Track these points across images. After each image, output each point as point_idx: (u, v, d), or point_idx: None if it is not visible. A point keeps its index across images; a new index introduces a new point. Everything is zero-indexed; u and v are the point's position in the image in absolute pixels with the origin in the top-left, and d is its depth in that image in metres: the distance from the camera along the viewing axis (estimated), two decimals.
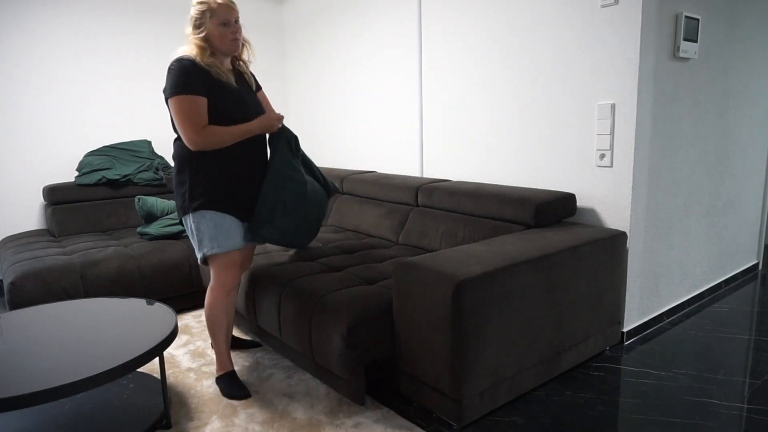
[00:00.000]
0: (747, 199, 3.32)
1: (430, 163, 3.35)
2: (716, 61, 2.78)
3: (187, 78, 1.92)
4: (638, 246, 2.47)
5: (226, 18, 1.98)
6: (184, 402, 2.07)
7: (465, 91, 3.03)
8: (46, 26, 3.52)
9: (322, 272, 2.37)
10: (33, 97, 3.52)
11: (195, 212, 2.01)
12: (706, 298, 3.04)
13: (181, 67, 1.93)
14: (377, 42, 3.63)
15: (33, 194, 3.60)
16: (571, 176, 2.56)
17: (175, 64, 1.95)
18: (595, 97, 2.41)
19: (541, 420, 1.88)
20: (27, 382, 1.49)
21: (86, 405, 1.93)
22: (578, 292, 2.16)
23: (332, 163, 4.31)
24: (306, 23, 4.34)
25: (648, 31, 2.26)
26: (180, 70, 1.93)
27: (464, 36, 2.99)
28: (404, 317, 1.91)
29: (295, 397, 2.08)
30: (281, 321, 2.22)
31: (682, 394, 2.03)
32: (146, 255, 2.94)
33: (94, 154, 3.67)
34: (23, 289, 2.59)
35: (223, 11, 1.98)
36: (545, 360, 2.08)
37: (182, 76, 1.92)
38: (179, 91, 1.91)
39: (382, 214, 3.12)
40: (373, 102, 3.75)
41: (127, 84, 3.86)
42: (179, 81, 1.92)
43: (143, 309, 2.07)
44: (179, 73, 1.92)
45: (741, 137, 3.14)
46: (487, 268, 1.82)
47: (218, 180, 2.01)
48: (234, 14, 2.02)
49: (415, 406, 2.00)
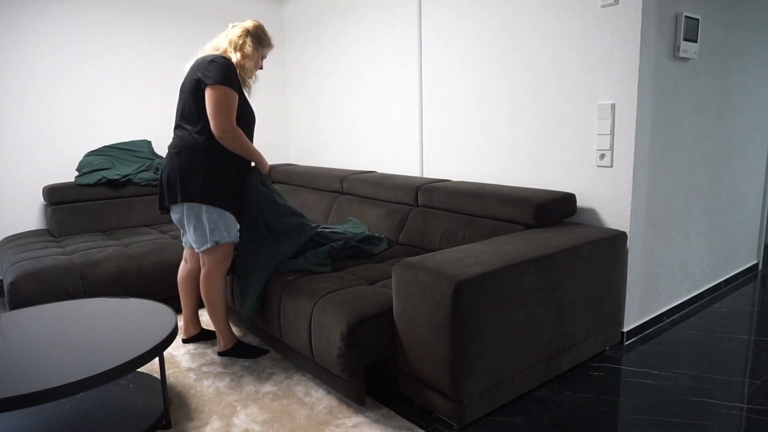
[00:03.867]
0: (747, 199, 3.32)
1: (430, 163, 3.35)
2: (716, 61, 2.78)
3: (234, 75, 2.17)
4: (638, 246, 2.47)
5: (266, 55, 2.38)
6: (184, 402, 2.07)
7: (465, 91, 3.03)
8: (47, 27, 3.52)
9: (323, 272, 2.36)
10: (33, 97, 3.52)
11: (211, 206, 2.21)
12: (706, 298, 3.04)
13: (228, 64, 2.16)
14: (377, 42, 3.63)
15: (33, 194, 3.60)
16: (571, 176, 2.56)
17: (222, 59, 2.15)
18: (595, 97, 2.41)
19: (541, 420, 1.88)
20: (27, 382, 1.49)
21: (86, 405, 1.93)
22: (578, 292, 2.16)
23: (332, 163, 4.32)
24: (306, 24, 4.34)
25: (648, 31, 2.26)
26: (229, 67, 2.15)
27: (464, 36, 2.99)
28: (404, 317, 1.91)
29: (295, 397, 2.08)
30: (281, 321, 2.22)
31: (682, 394, 2.03)
32: (146, 255, 2.94)
33: (94, 154, 3.67)
34: (23, 289, 2.59)
35: (269, 51, 2.38)
36: (545, 360, 2.08)
37: (230, 71, 2.15)
38: (228, 83, 2.12)
39: (382, 214, 3.12)
40: (373, 102, 3.75)
41: (127, 84, 3.86)
42: (228, 75, 2.13)
43: (143, 309, 2.07)
44: (228, 68, 2.15)
45: (741, 137, 3.14)
46: (487, 268, 1.82)
47: (229, 181, 2.25)
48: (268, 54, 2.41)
49: (415, 406, 2.00)
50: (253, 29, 2.28)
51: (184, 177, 2.18)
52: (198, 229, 2.24)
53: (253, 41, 2.27)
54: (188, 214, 2.24)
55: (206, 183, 2.18)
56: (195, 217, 2.23)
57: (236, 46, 2.24)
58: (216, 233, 2.25)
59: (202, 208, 2.21)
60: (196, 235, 2.26)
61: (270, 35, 2.37)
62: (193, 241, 2.29)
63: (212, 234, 2.24)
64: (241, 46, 2.23)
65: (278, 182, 4.32)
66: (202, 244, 2.26)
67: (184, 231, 2.37)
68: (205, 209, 2.21)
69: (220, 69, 2.12)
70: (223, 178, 2.22)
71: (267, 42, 2.34)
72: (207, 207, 2.21)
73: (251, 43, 2.26)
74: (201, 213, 2.22)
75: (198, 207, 2.21)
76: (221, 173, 2.22)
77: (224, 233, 2.27)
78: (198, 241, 2.27)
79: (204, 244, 2.26)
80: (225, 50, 2.24)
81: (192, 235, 2.27)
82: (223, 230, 2.26)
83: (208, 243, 2.25)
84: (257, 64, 2.32)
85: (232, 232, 2.30)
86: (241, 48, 2.23)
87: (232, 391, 2.14)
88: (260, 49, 2.32)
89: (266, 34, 2.34)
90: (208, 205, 2.21)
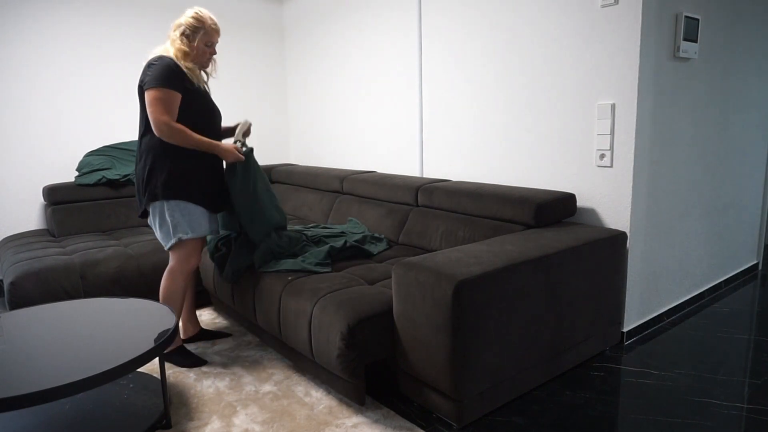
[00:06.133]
0: (747, 199, 3.32)
1: (430, 163, 3.35)
2: (716, 61, 2.78)
3: (170, 74, 2.12)
4: (638, 246, 2.47)
5: (212, 40, 2.27)
6: (184, 402, 2.07)
7: (465, 91, 3.03)
8: (47, 27, 3.52)
9: (322, 272, 2.36)
10: (33, 97, 3.52)
11: (170, 200, 2.20)
12: (706, 298, 3.04)
13: (164, 64, 2.13)
14: (377, 41, 3.63)
15: (33, 194, 3.60)
16: (571, 176, 2.56)
17: (157, 60, 2.14)
18: (595, 97, 2.41)
19: (541, 420, 1.88)
20: (27, 382, 1.49)
21: (86, 405, 1.93)
22: (578, 292, 2.16)
23: (332, 163, 4.32)
24: (306, 23, 4.34)
25: (648, 31, 2.26)
26: (164, 67, 2.12)
27: (464, 36, 2.99)
28: (404, 317, 1.91)
29: (295, 397, 2.08)
30: (281, 321, 2.22)
31: (682, 394, 2.03)
32: (146, 255, 2.94)
33: (94, 154, 3.67)
34: (23, 289, 2.59)
35: (212, 34, 2.27)
36: (545, 360, 2.08)
37: (165, 71, 2.11)
38: (161, 83, 2.10)
39: (382, 214, 3.12)
40: (373, 102, 3.75)
41: (128, 84, 3.86)
42: (162, 75, 2.10)
43: (143, 309, 2.07)
44: (163, 69, 2.11)
45: (741, 137, 3.14)
46: (487, 268, 1.82)
47: (192, 174, 2.23)
48: (217, 38, 2.30)
49: (415, 406, 2.00)
50: (186, 21, 2.22)
51: (147, 179, 2.20)
52: (163, 227, 2.25)
53: (186, 33, 2.21)
54: (152, 213, 2.25)
55: (166, 179, 2.18)
56: (159, 215, 2.24)
57: (172, 42, 2.22)
58: (179, 229, 2.23)
59: (164, 205, 2.21)
60: (161, 233, 2.27)
61: (209, 19, 2.24)
62: (160, 240, 2.30)
63: (175, 230, 2.23)
64: (173, 42, 2.21)
65: (278, 182, 4.33)
66: (167, 241, 2.26)
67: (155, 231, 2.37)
68: (167, 206, 2.21)
69: (156, 71, 2.11)
70: (181, 170, 2.19)
71: (204, 28, 2.22)
72: (169, 203, 2.21)
73: (183, 37, 2.21)
74: (164, 210, 2.22)
75: (161, 204, 2.21)
76: (179, 167, 2.19)
77: (187, 229, 2.24)
78: (164, 239, 2.28)
79: (168, 241, 2.25)
80: (164, 50, 2.22)
81: (158, 234, 2.28)
82: (186, 226, 2.24)
83: (172, 239, 2.24)
84: (202, 54, 2.26)
85: (197, 229, 2.27)
86: (173, 43, 2.21)
87: (232, 391, 2.14)
88: (199, 38, 2.22)
89: (203, 20, 2.22)
90: (169, 201, 2.20)
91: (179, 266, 2.30)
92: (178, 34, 2.21)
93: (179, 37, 2.21)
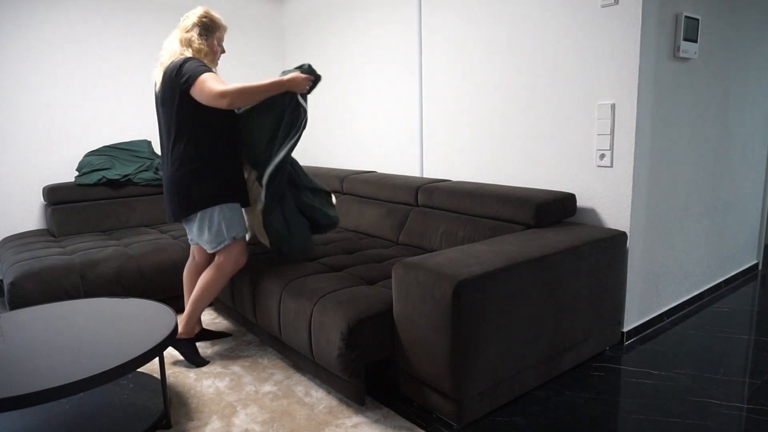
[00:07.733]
0: (747, 199, 3.32)
1: (430, 163, 3.35)
2: (716, 61, 2.78)
3: (204, 64, 2.19)
4: (638, 246, 2.47)
5: (222, 38, 2.37)
6: (184, 402, 2.07)
7: (465, 91, 3.03)
8: (46, 26, 3.52)
9: (322, 272, 2.37)
10: (33, 97, 3.52)
11: (225, 203, 2.27)
12: (706, 298, 3.04)
13: (194, 60, 2.19)
14: (377, 42, 3.63)
15: (33, 194, 3.60)
16: (571, 176, 2.56)
17: (182, 61, 2.17)
18: (595, 97, 2.41)
19: (541, 420, 1.88)
20: (27, 382, 1.49)
21: (86, 405, 1.93)
22: (578, 292, 2.16)
23: (332, 163, 4.32)
24: (306, 23, 4.34)
25: (648, 31, 2.26)
26: (196, 60, 2.18)
27: (464, 36, 2.99)
28: (404, 317, 1.91)
29: (295, 397, 2.08)
30: (281, 321, 2.22)
31: (682, 394, 2.03)
32: (146, 255, 2.94)
33: (94, 154, 3.67)
34: (23, 289, 2.59)
35: (224, 32, 2.37)
36: (545, 360, 2.08)
37: (200, 62, 2.18)
38: (203, 70, 2.13)
39: (382, 214, 3.12)
40: (374, 102, 3.75)
41: (128, 84, 3.86)
42: (200, 64, 2.16)
43: (143, 309, 2.07)
44: (196, 62, 2.17)
45: (741, 137, 3.14)
46: (487, 268, 1.82)
47: (236, 176, 2.33)
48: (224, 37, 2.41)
49: (415, 406, 2.00)
50: (198, 21, 2.26)
51: (192, 185, 2.21)
52: (211, 230, 2.28)
53: (200, 33, 2.26)
54: (201, 217, 2.27)
55: (220, 184, 2.25)
56: (209, 219, 2.27)
57: (186, 43, 2.25)
58: (232, 229, 2.30)
59: (216, 209, 2.26)
60: (210, 235, 2.28)
61: (218, 17, 2.31)
62: (205, 242, 2.30)
63: (228, 231, 2.29)
64: (190, 42, 2.24)
65: None
66: (218, 242, 2.29)
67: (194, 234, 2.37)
68: (219, 209, 2.26)
69: (189, 65, 2.14)
70: (228, 174, 2.28)
71: (216, 26, 2.30)
72: (221, 206, 2.26)
73: (197, 35, 2.25)
74: (214, 214, 2.26)
75: (212, 209, 2.25)
76: (226, 171, 2.27)
77: (239, 228, 2.33)
78: (214, 241, 2.29)
79: (222, 242, 2.30)
80: (181, 52, 2.24)
81: (206, 237, 2.29)
82: (237, 225, 2.33)
83: (226, 240, 2.29)
84: (215, 51, 2.33)
85: (244, 226, 2.39)
86: (190, 44, 2.24)
87: (232, 391, 2.14)
88: (212, 36, 2.30)
89: (213, 18, 2.29)
90: (221, 204, 2.26)
91: (232, 265, 2.36)
92: (195, 34, 2.25)
93: (197, 36, 2.25)
